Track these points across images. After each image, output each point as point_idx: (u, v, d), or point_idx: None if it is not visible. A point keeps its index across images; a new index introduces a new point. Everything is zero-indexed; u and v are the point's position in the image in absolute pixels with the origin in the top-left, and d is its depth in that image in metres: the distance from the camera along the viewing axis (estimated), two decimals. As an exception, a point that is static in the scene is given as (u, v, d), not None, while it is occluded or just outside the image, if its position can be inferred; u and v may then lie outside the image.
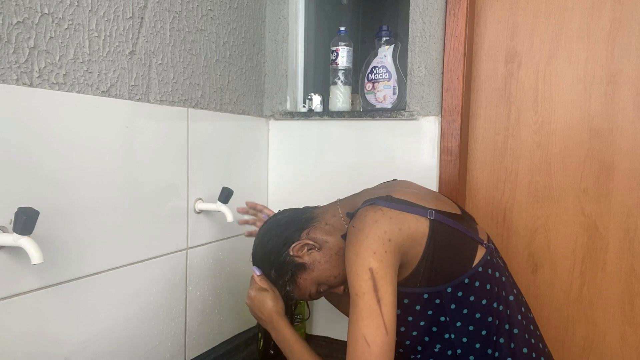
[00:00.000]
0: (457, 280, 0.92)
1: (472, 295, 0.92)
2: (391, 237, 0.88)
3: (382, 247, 0.87)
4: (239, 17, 1.42)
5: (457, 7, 1.33)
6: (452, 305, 0.93)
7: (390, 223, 0.89)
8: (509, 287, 0.97)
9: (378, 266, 0.86)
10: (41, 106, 0.88)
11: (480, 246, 0.95)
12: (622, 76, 1.30)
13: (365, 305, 0.85)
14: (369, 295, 0.85)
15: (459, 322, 0.93)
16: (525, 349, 0.93)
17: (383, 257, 0.86)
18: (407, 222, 0.90)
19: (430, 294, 0.93)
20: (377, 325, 0.84)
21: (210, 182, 1.31)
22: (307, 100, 1.56)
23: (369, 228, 0.89)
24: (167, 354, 1.20)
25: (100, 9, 0.99)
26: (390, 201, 0.93)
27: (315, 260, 1.03)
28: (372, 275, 0.85)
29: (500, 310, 0.93)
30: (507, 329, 0.93)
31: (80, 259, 0.96)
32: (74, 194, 0.94)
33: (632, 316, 1.32)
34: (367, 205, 0.94)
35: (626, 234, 1.31)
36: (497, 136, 1.42)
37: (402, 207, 0.92)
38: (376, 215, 0.90)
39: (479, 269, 0.93)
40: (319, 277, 1.04)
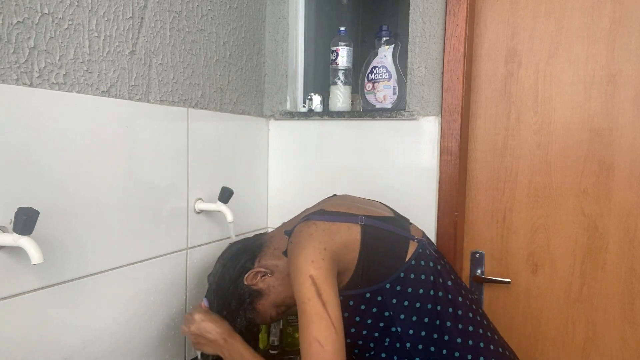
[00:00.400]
0: (393, 276, 0.99)
1: (410, 287, 0.99)
2: (326, 246, 0.95)
3: (319, 255, 0.94)
4: (239, 17, 1.42)
5: (457, 7, 1.32)
6: (394, 300, 0.99)
7: (323, 234, 0.97)
8: (445, 274, 1.03)
9: (317, 273, 0.92)
10: (41, 106, 0.87)
11: (412, 241, 1.03)
12: (622, 76, 1.30)
13: (312, 310, 0.90)
14: (314, 300, 0.90)
15: (402, 314, 0.99)
16: (472, 327, 1.00)
17: (321, 264, 0.93)
18: (340, 232, 0.98)
19: (372, 293, 0.99)
20: (327, 326, 0.89)
21: (210, 182, 1.31)
22: (307, 100, 1.56)
23: (305, 241, 0.96)
24: (167, 354, 1.20)
25: (100, 9, 0.99)
26: (322, 214, 1.02)
27: (269, 286, 1.09)
28: (314, 282, 0.91)
29: (439, 297, 1.00)
30: (450, 312, 0.99)
31: (80, 259, 0.96)
32: (74, 194, 0.94)
33: (632, 316, 1.32)
34: (302, 222, 1.02)
35: (626, 234, 1.31)
36: (497, 136, 1.42)
37: (333, 218, 1.01)
38: (310, 229, 0.98)
39: (412, 262, 1.00)
40: (276, 300, 1.10)
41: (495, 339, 1.03)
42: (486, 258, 1.45)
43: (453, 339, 0.98)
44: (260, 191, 1.56)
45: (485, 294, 1.46)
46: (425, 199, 1.38)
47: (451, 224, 1.36)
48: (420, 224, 1.37)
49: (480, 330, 1.01)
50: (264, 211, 1.58)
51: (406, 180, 1.40)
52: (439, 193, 1.37)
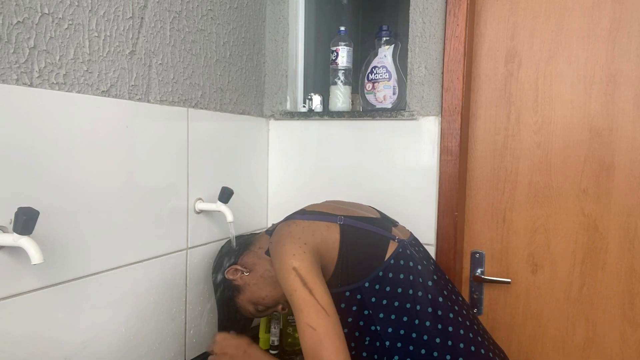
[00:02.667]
0: (372, 275, 1.01)
1: (388, 285, 1.01)
2: (306, 242, 0.99)
3: (300, 249, 0.97)
4: (239, 17, 1.42)
5: (457, 7, 1.32)
6: (373, 299, 1.01)
7: (303, 231, 1.01)
8: (426, 274, 1.04)
9: (300, 264, 0.95)
10: (41, 106, 0.88)
11: (392, 241, 1.05)
12: (622, 76, 1.30)
13: (300, 299, 0.93)
14: (300, 290, 0.93)
15: (381, 313, 1.00)
16: (451, 327, 1.00)
17: (303, 256, 0.96)
18: (319, 229, 1.02)
19: (351, 291, 1.01)
20: (316, 310, 0.91)
21: (210, 182, 1.31)
22: (307, 100, 1.56)
23: (285, 238, 1.00)
24: (167, 354, 1.20)
25: (100, 9, 0.99)
26: (303, 214, 1.06)
27: (245, 283, 1.16)
28: (297, 273, 0.94)
29: (419, 296, 1.01)
30: (430, 312, 1.00)
31: (80, 259, 0.96)
32: (74, 194, 0.94)
33: (632, 316, 1.32)
34: (283, 221, 1.07)
35: (626, 234, 1.31)
36: (497, 136, 1.42)
37: (313, 217, 1.05)
38: (290, 227, 1.02)
39: (391, 262, 1.02)
40: (251, 298, 1.16)
41: (478, 340, 1.02)
42: (486, 258, 1.45)
43: (432, 339, 0.98)
44: (260, 191, 1.56)
45: (485, 294, 1.46)
46: (425, 199, 1.38)
47: (451, 224, 1.36)
48: (420, 224, 1.38)
49: (461, 331, 1.01)
50: (264, 211, 1.58)
51: (406, 180, 1.40)
52: (439, 193, 1.37)
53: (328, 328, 0.90)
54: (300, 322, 0.92)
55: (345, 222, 1.04)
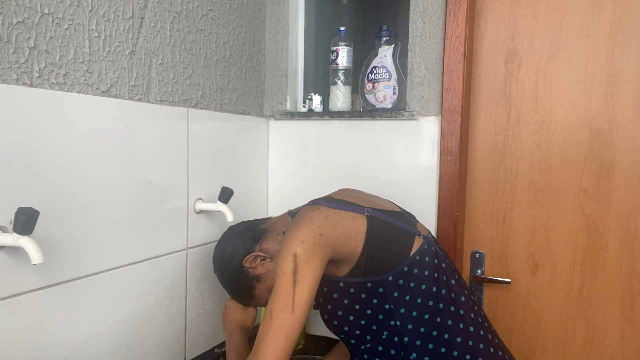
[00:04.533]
0: (397, 269, 0.99)
1: (412, 281, 0.99)
2: (323, 232, 0.95)
3: (312, 239, 0.93)
4: (239, 17, 1.42)
5: (457, 7, 1.32)
6: (395, 293, 0.99)
7: (325, 220, 0.96)
8: (449, 273, 1.03)
9: (302, 253, 0.92)
10: (41, 106, 0.87)
11: (418, 237, 1.03)
12: (622, 76, 1.30)
13: (282, 284, 0.91)
14: (287, 277, 0.91)
15: (402, 308, 0.99)
16: (472, 327, 1.00)
17: (310, 246, 0.93)
18: (342, 221, 0.98)
19: (374, 283, 0.99)
20: (285, 302, 0.89)
21: (210, 182, 1.31)
22: (307, 100, 1.56)
23: (304, 222, 0.96)
24: (167, 354, 1.20)
25: (100, 9, 0.99)
26: (329, 201, 1.01)
27: (268, 270, 1.09)
28: (295, 260, 0.92)
29: (442, 294, 1.00)
30: (452, 310, 0.99)
31: (80, 259, 0.96)
32: (74, 194, 0.94)
33: (632, 316, 1.32)
34: (308, 205, 1.03)
35: (626, 234, 1.31)
36: (497, 136, 1.42)
37: (339, 206, 1.00)
38: (313, 213, 0.98)
39: (417, 257, 1.00)
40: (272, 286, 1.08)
41: (495, 342, 1.03)
42: (486, 258, 1.45)
43: (453, 338, 0.98)
44: (260, 191, 1.56)
45: (485, 294, 1.46)
46: (425, 198, 1.38)
47: (451, 224, 1.36)
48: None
49: (481, 332, 1.01)
50: (264, 211, 1.58)
51: (406, 180, 1.40)
52: (439, 193, 1.37)
53: (284, 324, 0.89)
54: (268, 305, 0.92)
55: (373, 215, 1.00)
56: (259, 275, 1.09)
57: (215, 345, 1.36)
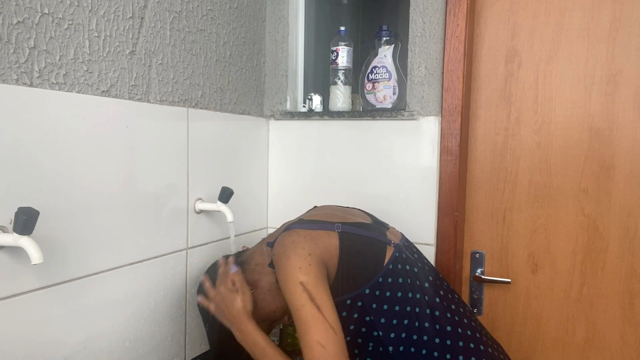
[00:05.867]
0: (372, 281, 1.00)
1: (388, 291, 1.00)
2: (310, 252, 0.97)
3: (305, 262, 0.95)
4: (239, 17, 1.42)
5: (457, 7, 1.32)
6: (373, 305, 1.00)
7: (305, 240, 0.99)
8: (422, 276, 1.05)
9: (307, 278, 0.94)
10: (41, 106, 0.88)
11: (389, 246, 1.04)
12: (622, 76, 1.30)
13: (308, 315, 0.92)
14: (308, 306, 0.92)
15: (382, 318, 1.00)
16: (449, 327, 1.00)
17: (309, 269, 0.95)
18: (320, 237, 1.00)
19: (352, 299, 1.00)
20: (325, 328, 0.91)
21: (210, 182, 1.31)
22: (307, 100, 1.56)
23: (289, 250, 0.98)
24: (167, 354, 1.20)
25: (100, 9, 0.99)
26: (302, 223, 1.04)
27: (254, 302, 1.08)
28: (305, 288, 0.93)
29: (417, 298, 1.01)
30: (428, 313, 1.00)
31: (80, 259, 0.96)
32: (74, 193, 0.94)
33: (632, 316, 1.32)
34: (284, 232, 1.04)
35: (626, 234, 1.31)
36: (497, 136, 1.42)
37: (312, 226, 1.03)
38: (292, 237, 1.00)
39: (390, 267, 1.02)
40: (260, 316, 1.10)
41: (476, 336, 1.03)
42: (486, 258, 1.45)
43: (431, 339, 0.99)
44: (260, 191, 1.56)
45: (485, 294, 1.46)
46: (425, 199, 1.38)
47: (451, 224, 1.36)
48: (420, 224, 1.38)
49: (459, 330, 1.01)
50: (264, 211, 1.58)
51: (406, 180, 1.40)
52: (439, 193, 1.37)
53: (337, 347, 0.91)
54: (308, 340, 0.91)
55: (343, 229, 1.03)
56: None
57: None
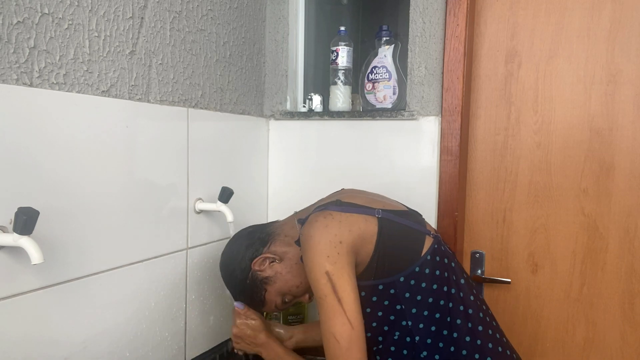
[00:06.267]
0: (408, 270, 0.99)
1: (424, 281, 0.99)
2: (342, 239, 0.95)
3: (334, 250, 0.94)
4: (239, 17, 1.42)
5: (457, 7, 1.33)
6: (407, 294, 0.99)
7: (340, 226, 0.96)
8: (458, 272, 1.04)
9: (333, 268, 0.93)
10: (41, 106, 0.87)
11: (428, 236, 1.02)
12: (622, 76, 1.30)
13: (329, 306, 0.92)
14: (330, 297, 0.92)
15: (414, 308, 0.99)
16: (481, 327, 1.00)
17: (336, 259, 0.93)
18: (357, 223, 0.98)
19: (385, 285, 0.99)
20: (342, 322, 0.92)
21: (210, 182, 1.31)
22: (307, 100, 1.56)
23: (320, 233, 0.95)
24: (167, 354, 1.20)
25: (100, 9, 0.99)
26: (339, 205, 1.00)
27: (277, 272, 1.09)
28: (329, 278, 0.92)
29: (452, 294, 1.00)
30: (462, 310, 1.00)
31: (80, 258, 0.96)
32: (74, 194, 0.94)
33: (632, 316, 1.32)
34: (318, 211, 1.00)
35: (626, 234, 1.31)
36: (497, 136, 1.42)
37: (350, 210, 0.99)
38: (326, 220, 0.97)
39: (428, 257, 1.00)
40: (282, 288, 1.10)
41: (503, 341, 1.04)
42: (486, 258, 1.45)
43: (462, 337, 0.98)
44: (260, 191, 1.56)
45: (485, 294, 1.46)
46: (425, 199, 1.38)
47: (451, 224, 1.36)
48: (420, 224, 1.38)
49: (489, 331, 1.01)
50: (264, 211, 1.58)
51: (406, 180, 1.40)
52: (439, 193, 1.37)
53: (351, 341, 0.91)
54: (326, 330, 0.93)
55: (383, 216, 1.00)
56: (268, 278, 1.09)
57: (215, 345, 1.36)
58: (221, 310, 1.37)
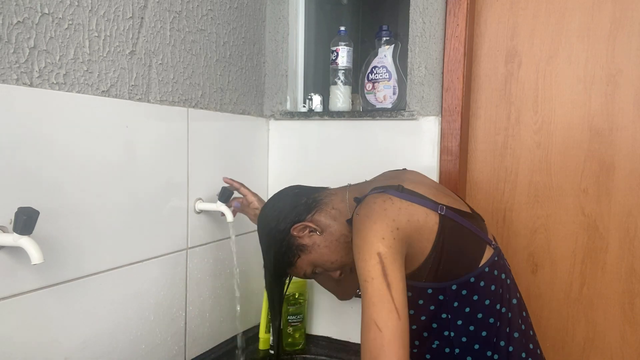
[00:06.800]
0: (463, 279, 0.91)
1: (476, 294, 0.92)
2: (399, 226, 0.86)
3: (391, 234, 0.85)
4: (239, 17, 1.42)
5: (457, 7, 1.32)
6: (455, 303, 0.92)
7: (399, 213, 0.87)
8: (513, 290, 0.97)
9: (387, 251, 0.83)
10: (41, 106, 0.88)
11: (489, 247, 0.95)
12: (622, 76, 1.30)
13: (375, 290, 0.82)
14: (378, 280, 0.82)
15: (460, 320, 0.93)
16: (524, 353, 0.94)
17: (391, 243, 0.84)
18: (417, 215, 0.88)
19: (435, 290, 0.92)
20: (389, 309, 0.81)
21: (210, 182, 1.31)
22: (307, 100, 1.56)
23: (377, 215, 0.87)
24: (167, 354, 1.20)
25: (100, 9, 0.99)
26: (401, 191, 0.91)
27: (314, 243, 1.02)
28: (381, 260, 0.83)
29: (502, 313, 0.93)
30: (507, 332, 0.93)
31: (80, 259, 0.96)
32: (74, 194, 0.94)
33: (632, 316, 1.32)
34: (377, 193, 0.91)
35: (626, 234, 1.31)
36: (497, 136, 1.42)
37: (412, 199, 0.90)
38: (385, 204, 0.88)
39: (486, 269, 0.92)
40: (316, 260, 1.04)
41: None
42: (486, 258, 1.45)
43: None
44: (260, 191, 1.56)
45: (485, 294, 1.46)
46: (425, 199, 1.38)
47: (451, 224, 1.36)
48: (420, 224, 1.37)
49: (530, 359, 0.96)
50: (264, 211, 1.58)
51: (406, 180, 1.40)
52: (439, 193, 1.37)
53: (395, 333, 0.80)
54: (367, 317, 0.82)
55: (447, 214, 0.90)
56: (304, 246, 1.03)
57: (215, 345, 1.36)
58: (221, 310, 1.37)
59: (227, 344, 1.39)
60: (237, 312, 1.30)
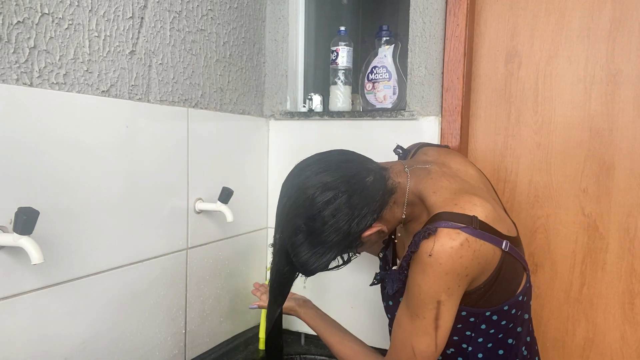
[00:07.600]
0: (498, 307, 0.92)
1: (505, 320, 0.93)
2: (468, 273, 0.85)
3: (457, 283, 0.84)
4: (239, 17, 1.42)
5: (457, 7, 1.32)
6: (483, 326, 0.93)
7: (472, 259, 0.84)
8: (528, 307, 0.99)
9: (447, 299, 0.85)
10: (41, 106, 0.88)
11: (525, 274, 0.95)
12: (622, 76, 1.30)
13: (422, 326, 0.86)
14: (428, 322, 0.86)
15: (481, 338, 0.94)
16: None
17: (454, 291, 0.85)
18: (486, 255, 0.86)
19: (468, 312, 0.92)
20: (428, 344, 0.87)
21: (210, 182, 1.31)
22: (307, 100, 1.56)
23: (451, 264, 0.83)
24: (167, 354, 1.20)
25: (100, 9, 0.99)
26: (476, 226, 0.84)
27: (370, 241, 0.95)
28: (438, 307, 0.85)
29: (518, 332, 0.96)
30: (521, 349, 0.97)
31: (80, 258, 0.96)
32: (74, 194, 0.94)
33: (632, 316, 1.32)
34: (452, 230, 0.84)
35: (626, 234, 1.31)
36: (497, 136, 1.42)
37: (485, 237, 0.85)
38: (462, 250, 0.83)
39: (519, 298, 0.93)
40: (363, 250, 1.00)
41: None
42: (486, 258, 1.45)
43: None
44: (260, 191, 1.56)
45: (485, 294, 1.46)
46: (425, 199, 1.38)
47: (451, 224, 1.36)
48: (420, 224, 1.37)
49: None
50: (264, 211, 1.58)
51: (406, 180, 1.40)
52: (439, 193, 1.37)
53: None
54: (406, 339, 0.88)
55: (509, 251, 0.88)
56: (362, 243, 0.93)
57: (215, 345, 1.36)
58: (221, 311, 1.37)
59: (227, 344, 1.39)
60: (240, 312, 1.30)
